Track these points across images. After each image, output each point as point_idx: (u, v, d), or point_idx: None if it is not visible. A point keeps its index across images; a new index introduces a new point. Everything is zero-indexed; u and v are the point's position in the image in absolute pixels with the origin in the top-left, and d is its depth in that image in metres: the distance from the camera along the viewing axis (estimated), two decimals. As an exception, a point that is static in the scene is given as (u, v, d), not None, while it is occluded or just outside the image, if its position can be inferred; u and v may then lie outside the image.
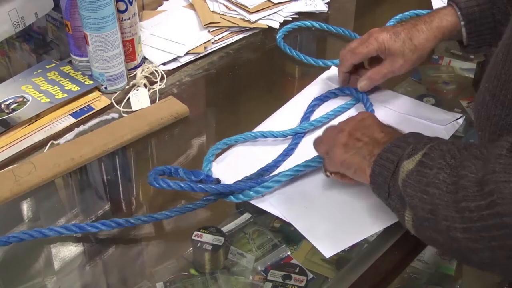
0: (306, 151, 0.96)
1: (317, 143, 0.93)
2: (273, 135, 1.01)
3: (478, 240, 0.67)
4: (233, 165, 0.98)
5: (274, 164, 0.97)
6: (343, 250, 0.85)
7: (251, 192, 0.90)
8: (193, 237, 0.85)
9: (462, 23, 1.02)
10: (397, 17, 1.29)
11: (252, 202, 0.91)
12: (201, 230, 0.86)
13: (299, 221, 0.88)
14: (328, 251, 0.84)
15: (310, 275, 0.83)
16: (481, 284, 1.11)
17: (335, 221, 0.88)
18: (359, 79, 1.06)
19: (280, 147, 1.00)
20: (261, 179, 0.92)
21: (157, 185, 0.89)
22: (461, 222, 0.68)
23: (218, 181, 0.92)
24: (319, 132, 0.97)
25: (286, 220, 0.88)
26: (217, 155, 0.99)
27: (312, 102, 1.07)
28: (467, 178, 0.69)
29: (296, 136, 1.02)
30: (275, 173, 0.95)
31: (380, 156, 0.80)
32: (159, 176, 0.90)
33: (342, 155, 0.85)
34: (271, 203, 0.91)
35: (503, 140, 0.70)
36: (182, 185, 0.88)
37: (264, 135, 1.01)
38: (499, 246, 0.66)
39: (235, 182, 0.92)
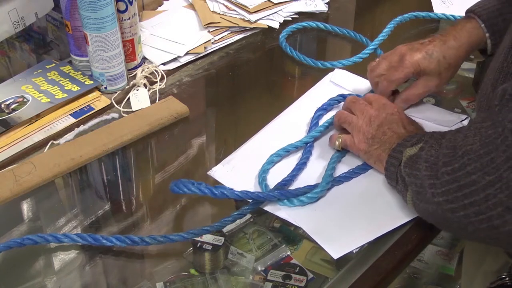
0: (318, 165, 0.97)
1: (342, 119, 0.98)
2: (295, 146, 0.99)
3: (454, 200, 0.74)
4: (238, 168, 0.97)
5: (291, 178, 0.94)
6: (351, 252, 0.84)
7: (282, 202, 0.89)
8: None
9: (487, 34, 1.00)
10: (397, 19, 1.28)
11: (260, 205, 0.90)
12: (201, 230, 0.86)
13: (307, 223, 0.88)
14: (336, 252, 0.84)
15: (310, 275, 0.83)
16: (480, 282, 1.11)
17: (343, 223, 0.88)
18: (395, 102, 1.04)
19: (288, 154, 0.99)
20: (288, 191, 0.90)
21: (177, 189, 0.88)
22: (441, 186, 0.75)
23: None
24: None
25: (294, 223, 0.88)
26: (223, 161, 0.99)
27: (315, 113, 1.05)
28: (446, 146, 0.77)
29: (306, 149, 0.99)
30: (295, 186, 0.93)
31: (393, 150, 0.88)
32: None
33: (368, 147, 0.93)
34: (278, 206, 0.90)
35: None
36: (203, 188, 0.87)
37: (287, 150, 0.99)
38: (469, 204, 0.72)
39: (258, 191, 0.90)
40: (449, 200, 0.74)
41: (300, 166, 0.96)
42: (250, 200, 0.89)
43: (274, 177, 0.94)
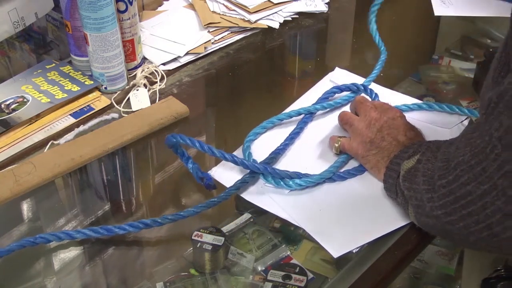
0: (313, 134, 1.01)
1: (344, 120, 0.99)
2: (289, 115, 1.04)
3: (452, 213, 0.74)
4: (237, 168, 0.95)
5: (283, 147, 0.98)
6: (351, 251, 0.84)
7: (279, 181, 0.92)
8: (193, 237, 0.85)
9: None
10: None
11: (261, 205, 0.90)
12: (201, 230, 0.86)
13: (307, 223, 0.88)
14: (336, 252, 0.84)
15: (310, 275, 0.83)
16: (480, 282, 1.11)
17: (344, 223, 0.88)
18: None
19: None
20: (294, 173, 0.93)
21: (174, 140, 0.92)
22: (438, 200, 0.75)
23: (214, 186, 0.93)
24: (328, 116, 1.05)
25: (295, 223, 0.88)
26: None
27: (330, 89, 1.09)
28: (440, 159, 0.77)
29: (303, 120, 1.04)
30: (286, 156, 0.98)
31: (391, 162, 0.88)
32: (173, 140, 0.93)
33: (365, 151, 0.93)
34: (282, 207, 0.90)
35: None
36: (204, 146, 0.93)
37: (279, 119, 1.04)
38: (468, 214, 0.73)
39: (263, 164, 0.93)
40: (448, 212, 0.75)
41: (293, 136, 1.00)
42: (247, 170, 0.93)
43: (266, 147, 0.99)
